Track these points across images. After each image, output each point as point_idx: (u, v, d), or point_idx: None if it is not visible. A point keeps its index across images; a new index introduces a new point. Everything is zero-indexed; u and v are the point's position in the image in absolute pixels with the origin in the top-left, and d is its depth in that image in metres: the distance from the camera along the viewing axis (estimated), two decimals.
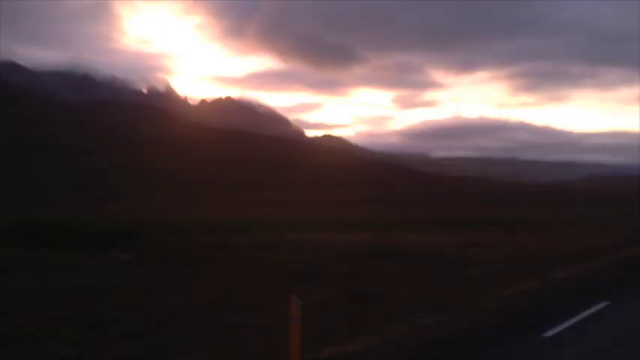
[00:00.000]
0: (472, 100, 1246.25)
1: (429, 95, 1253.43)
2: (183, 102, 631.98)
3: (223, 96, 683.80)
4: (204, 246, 24.34)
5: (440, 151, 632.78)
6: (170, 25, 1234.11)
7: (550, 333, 9.36)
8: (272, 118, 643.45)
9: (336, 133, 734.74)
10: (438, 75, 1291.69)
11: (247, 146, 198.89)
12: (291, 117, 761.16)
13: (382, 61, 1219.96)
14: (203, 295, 15.06)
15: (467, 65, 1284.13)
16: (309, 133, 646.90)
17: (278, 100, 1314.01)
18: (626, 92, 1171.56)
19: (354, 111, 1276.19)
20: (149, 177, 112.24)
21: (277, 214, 51.95)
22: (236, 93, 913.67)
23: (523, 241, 29.59)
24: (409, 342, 9.09)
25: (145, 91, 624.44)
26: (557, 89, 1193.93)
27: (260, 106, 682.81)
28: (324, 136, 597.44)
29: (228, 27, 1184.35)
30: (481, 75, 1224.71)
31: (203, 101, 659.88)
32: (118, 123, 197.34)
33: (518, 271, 16.81)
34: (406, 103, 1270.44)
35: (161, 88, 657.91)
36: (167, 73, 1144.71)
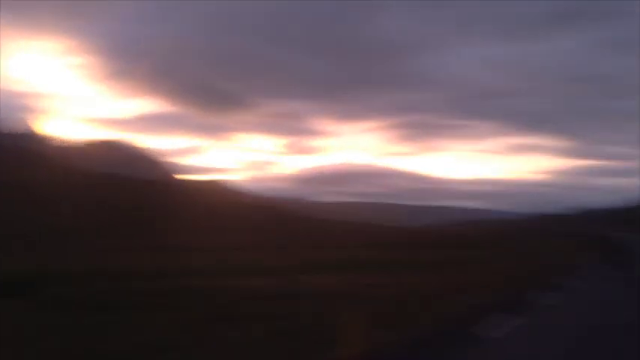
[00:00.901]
0: (356, 148, 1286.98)
1: (316, 142, 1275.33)
2: (56, 144, 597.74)
3: (100, 138, 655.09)
4: (117, 293, 23.68)
5: (326, 196, 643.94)
6: (50, 65, 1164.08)
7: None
8: (151, 161, 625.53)
9: (222, 177, 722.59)
10: (324, 123, 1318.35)
11: (121, 190, 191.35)
12: (176, 160, 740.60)
13: (270, 108, 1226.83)
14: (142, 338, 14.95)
15: (350, 115, 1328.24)
16: (194, 177, 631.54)
17: (160, 143, 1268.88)
18: (492, 143, 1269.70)
19: (241, 156, 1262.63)
20: (20, 224, 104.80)
21: (169, 261, 50.69)
22: (116, 135, 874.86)
23: (416, 281, 31.67)
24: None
25: (14, 132, 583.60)
26: (432, 139, 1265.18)
27: (138, 149, 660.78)
28: (209, 181, 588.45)
29: (112, 69, 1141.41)
30: (364, 125, 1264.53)
31: (76, 143, 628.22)
32: None
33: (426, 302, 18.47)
34: (293, 150, 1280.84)
35: (33, 129, 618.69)
36: (41, 114, 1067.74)
